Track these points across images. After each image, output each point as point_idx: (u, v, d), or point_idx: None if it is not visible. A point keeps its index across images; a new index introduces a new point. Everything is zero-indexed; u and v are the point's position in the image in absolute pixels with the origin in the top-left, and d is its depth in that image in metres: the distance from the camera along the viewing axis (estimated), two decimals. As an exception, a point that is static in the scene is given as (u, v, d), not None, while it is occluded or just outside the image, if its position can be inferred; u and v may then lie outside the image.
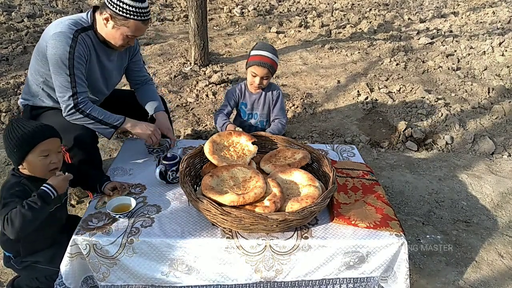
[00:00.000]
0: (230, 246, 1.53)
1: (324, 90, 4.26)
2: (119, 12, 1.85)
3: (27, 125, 1.54)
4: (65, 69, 1.86)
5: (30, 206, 1.41)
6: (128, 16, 1.86)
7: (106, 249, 1.50)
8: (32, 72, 2.04)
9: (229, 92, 2.48)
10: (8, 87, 3.82)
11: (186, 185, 1.54)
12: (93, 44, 1.98)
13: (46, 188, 1.47)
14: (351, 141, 3.36)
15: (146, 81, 2.38)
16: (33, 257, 1.65)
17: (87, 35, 1.94)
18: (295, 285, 1.61)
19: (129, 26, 1.90)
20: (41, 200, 1.43)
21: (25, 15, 5.59)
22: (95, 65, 2.04)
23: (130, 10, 1.85)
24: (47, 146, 1.55)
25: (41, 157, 1.54)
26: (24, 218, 1.39)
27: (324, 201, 1.51)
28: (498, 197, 2.71)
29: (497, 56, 4.92)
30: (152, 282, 1.56)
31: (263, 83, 2.32)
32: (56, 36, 1.85)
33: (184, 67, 4.59)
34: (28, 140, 1.51)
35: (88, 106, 1.94)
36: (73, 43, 1.86)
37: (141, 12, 1.88)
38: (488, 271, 2.12)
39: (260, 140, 2.00)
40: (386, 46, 5.28)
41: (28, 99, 2.11)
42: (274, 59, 2.29)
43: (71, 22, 1.91)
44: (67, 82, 1.88)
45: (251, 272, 1.56)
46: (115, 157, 2.11)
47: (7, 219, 1.40)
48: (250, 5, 6.82)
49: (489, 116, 3.69)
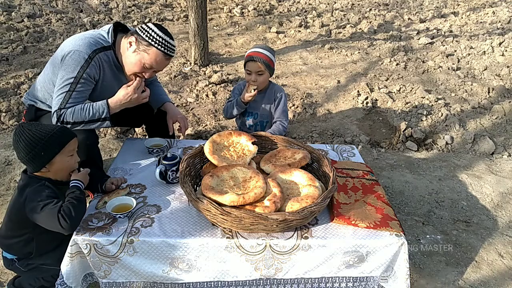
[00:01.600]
0: (230, 246, 1.53)
1: (324, 90, 4.26)
2: (145, 37, 1.86)
3: (49, 127, 1.58)
4: (67, 85, 1.86)
5: (78, 199, 1.52)
6: (152, 43, 1.86)
7: (106, 249, 1.50)
8: (46, 80, 2.02)
9: (235, 88, 2.52)
10: (8, 87, 3.82)
11: (186, 185, 1.54)
12: (110, 63, 1.97)
13: (75, 183, 1.58)
14: (351, 141, 3.36)
15: (151, 80, 2.38)
16: (41, 259, 1.67)
17: (105, 55, 1.93)
18: (294, 282, 1.62)
19: (149, 54, 1.88)
20: (81, 192, 1.55)
21: (25, 15, 5.59)
22: (112, 83, 2.02)
23: (156, 38, 1.86)
24: (73, 145, 1.61)
25: (68, 157, 1.60)
26: (80, 210, 1.52)
27: (324, 201, 1.51)
28: (498, 197, 2.71)
29: (497, 56, 4.92)
30: (153, 279, 1.57)
31: (258, 79, 2.31)
32: (73, 54, 1.85)
33: (184, 67, 4.59)
34: (58, 141, 1.55)
35: (68, 113, 1.87)
36: (85, 64, 1.86)
37: (166, 45, 1.89)
38: (488, 271, 2.13)
39: (260, 140, 2.00)
40: (386, 46, 5.28)
41: (35, 101, 2.10)
42: (267, 54, 2.29)
43: (92, 40, 1.89)
44: (62, 97, 1.86)
45: (251, 270, 1.57)
46: (115, 157, 2.11)
47: (63, 216, 1.46)
48: (250, 5, 6.82)
49: (489, 116, 3.69)
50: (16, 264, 1.68)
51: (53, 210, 1.47)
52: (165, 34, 1.90)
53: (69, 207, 1.48)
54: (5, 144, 2.97)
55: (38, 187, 1.55)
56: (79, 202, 1.52)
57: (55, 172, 1.60)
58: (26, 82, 3.91)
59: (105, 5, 6.37)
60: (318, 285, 1.63)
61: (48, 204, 1.49)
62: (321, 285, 1.64)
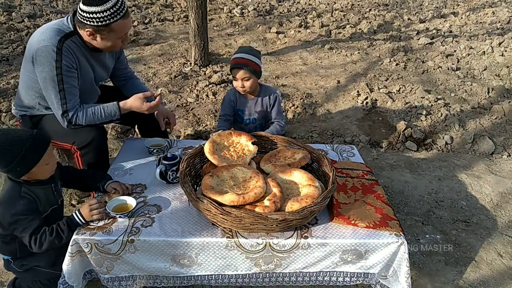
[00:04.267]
0: (230, 245, 1.54)
1: (324, 90, 4.26)
2: (97, 23, 1.78)
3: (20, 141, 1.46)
4: (54, 85, 1.83)
5: (58, 234, 1.50)
6: (108, 22, 1.79)
7: (108, 247, 1.51)
8: (25, 87, 1.99)
9: (224, 100, 2.47)
10: (9, 87, 3.82)
11: (186, 185, 1.54)
12: (79, 48, 1.92)
13: (76, 217, 1.54)
14: (351, 141, 3.37)
15: (131, 76, 2.39)
16: (33, 260, 1.65)
17: (71, 41, 1.87)
18: (293, 275, 1.64)
19: (115, 30, 1.85)
20: (69, 230, 1.51)
21: (26, 15, 5.60)
22: (87, 68, 2.00)
23: (106, 16, 1.77)
24: (49, 153, 1.55)
25: (45, 165, 1.54)
26: (51, 245, 1.50)
27: (323, 201, 1.51)
28: (498, 197, 2.72)
29: (497, 56, 4.92)
30: (156, 273, 1.59)
31: (245, 85, 2.30)
32: (40, 51, 1.80)
33: (184, 67, 4.60)
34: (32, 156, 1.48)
35: (81, 117, 1.90)
36: (58, 57, 1.81)
37: (116, 11, 1.79)
38: (488, 271, 2.13)
39: (260, 140, 2.00)
40: (386, 46, 5.28)
41: (26, 111, 2.07)
42: (251, 59, 2.26)
43: (53, 31, 1.84)
44: (58, 99, 1.85)
45: (251, 266, 1.59)
46: (115, 157, 2.11)
47: (35, 240, 1.48)
48: (250, 5, 6.83)
49: (488, 116, 3.69)
50: (12, 264, 1.68)
51: (26, 230, 1.48)
52: (103, 2, 1.75)
53: (45, 237, 1.49)
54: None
55: (15, 199, 1.51)
56: (56, 237, 1.49)
57: (34, 177, 1.55)
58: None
59: (105, 5, 6.36)
60: (316, 278, 1.65)
61: (22, 221, 1.48)
62: (319, 278, 1.65)
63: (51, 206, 1.63)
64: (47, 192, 1.61)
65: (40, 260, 1.64)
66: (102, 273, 1.57)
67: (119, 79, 2.36)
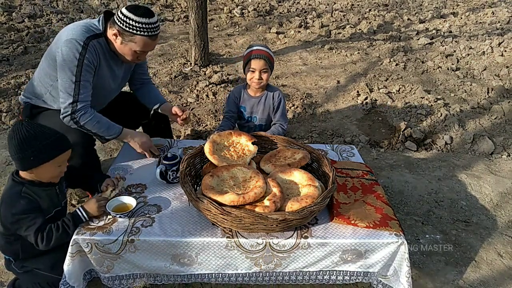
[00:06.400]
0: (230, 245, 1.54)
1: (324, 90, 4.27)
2: (125, 28, 1.85)
3: (47, 133, 1.50)
4: (71, 75, 1.86)
5: (64, 230, 1.52)
6: (134, 32, 1.85)
7: (108, 247, 1.51)
8: (42, 74, 2.03)
9: (229, 97, 2.49)
10: (9, 87, 3.83)
11: (186, 185, 1.55)
12: (103, 51, 1.97)
13: (79, 213, 1.56)
14: (350, 141, 3.37)
15: (148, 82, 2.40)
16: (33, 262, 1.65)
17: (98, 42, 1.93)
18: (293, 274, 1.64)
19: (136, 42, 1.89)
20: (74, 226, 1.53)
21: (26, 15, 5.60)
22: (106, 72, 2.03)
23: (136, 26, 1.85)
24: (65, 157, 1.56)
25: (57, 167, 1.55)
26: (59, 241, 1.52)
27: (323, 201, 1.52)
28: (497, 197, 2.72)
29: (497, 56, 4.93)
30: (156, 272, 1.60)
31: (262, 77, 2.32)
32: (68, 42, 1.85)
33: (185, 68, 4.60)
34: (50, 150, 1.50)
35: (85, 117, 1.91)
36: (83, 50, 1.86)
37: (148, 28, 1.87)
38: (488, 271, 2.13)
39: (260, 140, 2.00)
40: (386, 47, 5.28)
41: (31, 98, 2.10)
42: (269, 52, 2.31)
43: (84, 28, 1.90)
44: (71, 89, 1.87)
45: (251, 265, 1.60)
46: (116, 157, 2.11)
47: (42, 237, 1.50)
48: (250, 5, 6.83)
49: (488, 116, 3.70)
50: (12, 265, 1.68)
51: (30, 228, 1.49)
52: (143, 16, 1.85)
53: (51, 234, 1.50)
54: (5, 144, 2.97)
55: (13, 194, 1.52)
56: (63, 232, 1.51)
57: (39, 176, 1.55)
58: (27, 82, 3.92)
59: (106, 5, 6.38)
60: (316, 277, 1.66)
61: (24, 220, 1.49)
62: (319, 277, 1.66)
63: (55, 208, 1.63)
64: (50, 194, 1.61)
65: (40, 263, 1.64)
66: (103, 272, 1.58)
67: (135, 82, 2.38)
